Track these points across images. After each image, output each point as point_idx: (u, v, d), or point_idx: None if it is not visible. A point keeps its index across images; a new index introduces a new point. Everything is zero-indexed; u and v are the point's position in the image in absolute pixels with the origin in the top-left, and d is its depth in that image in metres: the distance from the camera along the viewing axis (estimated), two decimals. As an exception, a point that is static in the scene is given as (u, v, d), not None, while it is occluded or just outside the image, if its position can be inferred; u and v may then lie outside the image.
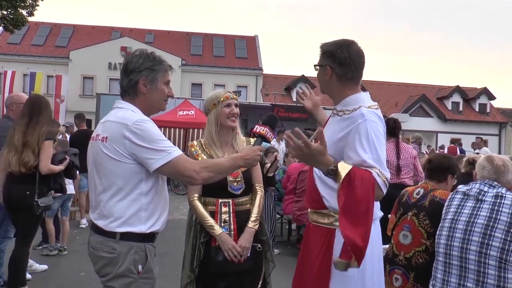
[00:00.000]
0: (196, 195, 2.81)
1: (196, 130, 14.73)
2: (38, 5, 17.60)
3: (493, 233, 2.59)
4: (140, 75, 2.25)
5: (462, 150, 16.03)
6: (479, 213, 2.70)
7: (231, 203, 2.83)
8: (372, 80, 34.42)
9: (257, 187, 2.96)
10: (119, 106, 2.29)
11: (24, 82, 24.28)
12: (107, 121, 2.24)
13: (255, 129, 2.58)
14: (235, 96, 2.97)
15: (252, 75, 33.32)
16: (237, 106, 2.93)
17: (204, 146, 2.92)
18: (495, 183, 2.81)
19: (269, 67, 67.89)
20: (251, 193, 2.95)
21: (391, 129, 5.82)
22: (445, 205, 2.96)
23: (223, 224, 2.79)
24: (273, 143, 9.31)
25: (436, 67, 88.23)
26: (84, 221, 7.78)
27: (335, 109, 2.39)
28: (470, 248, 2.65)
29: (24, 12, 17.45)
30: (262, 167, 6.10)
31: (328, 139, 2.19)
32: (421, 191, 3.30)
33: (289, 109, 19.34)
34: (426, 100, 33.11)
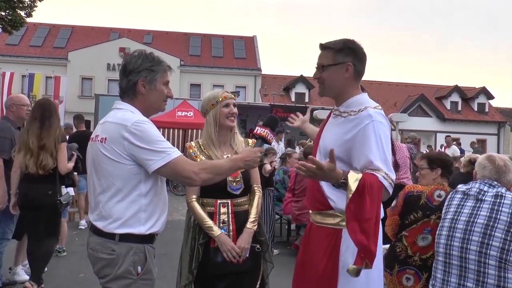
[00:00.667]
0: (194, 196, 2.80)
1: (195, 131, 14.74)
2: (36, 6, 17.58)
3: (493, 233, 2.58)
4: (139, 76, 2.24)
5: (461, 149, 16.04)
6: (479, 212, 2.69)
7: (229, 204, 2.82)
8: (371, 80, 34.43)
9: (256, 188, 2.95)
10: (118, 107, 2.28)
11: (22, 83, 24.27)
12: (106, 122, 2.24)
13: (255, 131, 2.57)
14: (233, 96, 2.96)
15: (250, 75, 33.31)
16: (235, 106, 2.92)
17: (202, 147, 2.90)
18: (495, 182, 2.80)
19: (268, 67, 67.95)
20: (249, 193, 2.94)
21: None
22: (445, 204, 2.95)
23: (222, 225, 2.78)
24: (273, 144, 9.31)
25: (434, 67, 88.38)
26: (83, 222, 7.77)
27: (337, 110, 2.38)
28: (470, 248, 2.64)
29: (22, 13, 17.43)
30: (260, 168, 6.10)
31: (333, 140, 2.25)
32: (442, 193, 3.27)
33: (287, 109, 19.36)
34: (425, 99, 33.13)
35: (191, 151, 2.89)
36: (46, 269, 4.76)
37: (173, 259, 5.36)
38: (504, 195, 2.69)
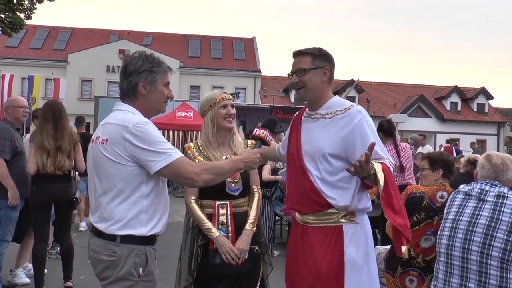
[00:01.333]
0: (193, 197, 2.80)
1: (194, 132, 14.73)
2: (35, 9, 17.58)
3: (495, 234, 2.57)
4: (139, 77, 2.24)
5: (458, 150, 16.04)
6: (481, 213, 2.68)
7: (228, 205, 2.81)
8: (370, 81, 34.48)
9: (255, 189, 2.94)
10: (119, 108, 2.28)
11: (22, 85, 24.28)
12: (107, 124, 2.23)
13: (254, 132, 2.59)
14: (231, 96, 2.95)
15: (250, 76, 33.34)
16: (233, 106, 2.90)
17: (201, 148, 2.89)
18: (496, 182, 2.78)
19: (267, 68, 67.94)
20: (248, 195, 2.93)
21: (387, 130, 5.88)
22: (447, 204, 2.94)
23: (220, 226, 2.77)
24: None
25: (434, 67, 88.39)
26: (83, 224, 7.76)
27: (317, 113, 2.51)
28: (471, 248, 2.63)
29: (22, 15, 17.43)
30: (260, 169, 6.09)
31: (328, 140, 2.38)
32: (444, 194, 3.27)
33: (287, 110, 19.33)
34: (424, 100, 33.15)
35: (190, 152, 2.88)
36: (46, 271, 4.76)
37: (174, 260, 5.35)
38: (506, 195, 2.68)
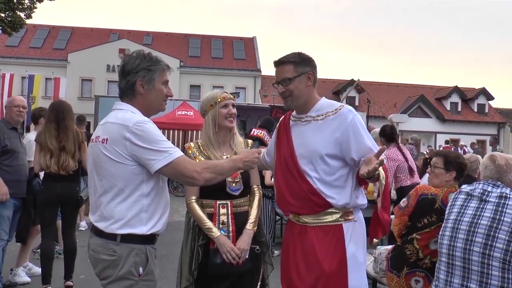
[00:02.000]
0: (193, 197, 2.79)
1: (195, 132, 14.71)
2: (36, 8, 17.60)
3: (497, 235, 2.56)
4: (137, 76, 2.24)
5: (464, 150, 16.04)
6: (483, 214, 2.66)
7: (229, 205, 2.81)
8: (370, 81, 34.48)
9: (255, 189, 2.94)
10: (119, 107, 2.27)
11: (22, 84, 24.29)
12: (107, 123, 2.23)
13: (252, 133, 2.60)
14: (231, 96, 2.95)
15: (250, 76, 33.34)
16: (234, 106, 2.90)
17: (201, 147, 2.89)
18: (499, 182, 2.77)
19: (268, 68, 67.77)
20: (249, 194, 2.93)
21: (389, 135, 6.00)
22: (448, 205, 2.92)
23: (221, 225, 2.77)
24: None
25: (434, 68, 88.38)
26: (83, 224, 7.75)
27: (308, 116, 2.55)
28: (473, 249, 2.62)
29: (22, 14, 17.45)
30: (262, 171, 6.09)
31: (323, 142, 2.43)
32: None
33: (287, 110, 19.29)
34: (424, 100, 33.16)
35: (190, 152, 2.87)
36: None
37: (174, 260, 5.35)
38: (508, 196, 2.66)
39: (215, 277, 2.75)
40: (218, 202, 2.80)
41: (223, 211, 2.80)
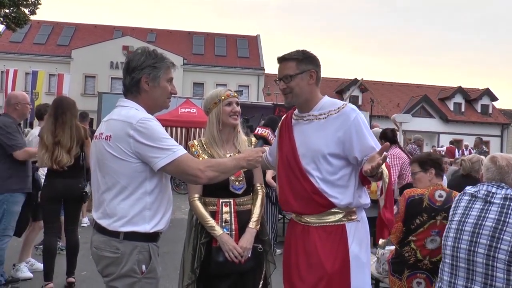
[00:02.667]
0: (196, 195, 2.79)
1: (198, 130, 14.70)
2: (40, 4, 17.64)
3: (502, 236, 2.54)
4: (142, 73, 2.23)
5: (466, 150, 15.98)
6: (488, 215, 2.65)
7: (232, 203, 2.80)
8: (374, 80, 34.42)
9: (259, 187, 2.93)
10: (123, 104, 2.26)
11: (26, 80, 24.34)
12: (110, 120, 2.22)
13: (256, 131, 2.58)
14: (235, 94, 2.95)
15: (253, 74, 33.33)
16: (238, 104, 2.90)
17: (205, 145, 2.89)
18: (503, 184, 2.75)
19: (271, 66, 67.76)
20: (252, 193, 2.92)
21: (391, 139, 6.30)
22: (452, 206, 2.91)
23: (224, 224, 2.76)
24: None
25: (438, 68, 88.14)
26: (85, 220, 7.77)
27: (310, 115, 2.53)
28: (478, 250, 2.60)
29: (26, 10, 17.49)
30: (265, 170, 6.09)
31: (325, 140, 2.41)
32: (443, 193, 3.30)
33: (289, 108, 19.25)
34: (428, 100, 33.09)
35: (194, 149, 2.87)
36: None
37: (176, 257, 5.36)
38: None
39: (217, 275, 2.75)
40: (221, 200, 2.80)
41: (226, 209, 2.79)
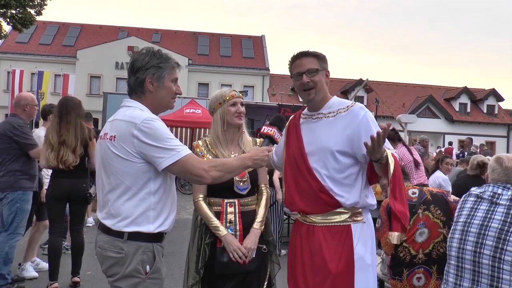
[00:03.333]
0: (201, 195, 2.78)
1: (202, 130, 14.71)
2: (46, 5, 17.73)
3: (508, 238, 2.52)
4: (146, 73, 2.23)
5: (463, 152, 15.91)
6: (493, 216, 2.63)
7: (236, 203, 2.79)
8: (379, 80, 34.33)
9: (263, 188, 2.92)
10: (127, 104, 2.27)
11: (32, 81, 24.40)
12: (115, 120, 2.22)
13: (262, 130, 2.56)
14: (240, 94, 2.94)
15: (258, 75, 33.33)
16: (242, 104, 2.89)
17: (209, 146, 2.88)
18: (509, 185, 2.74)
19: (276, 67, 67.85)
20: (257, 193, 2.91)
21: (394, 137, 6.32)
22: (458, 207, 2.90)
23: (228, 224, 2.76)
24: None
25: (443, 68, 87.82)
26: (90, 220, 7.79)
27: (320, 113, 2.53)
28: (483, 252, 2.58)
29: (32, 11, 17.58)
30: (270, 173, 6.09)
31: (334, 138, 2.41)
32: (415, 190, 3.47)
33: (296, 109, 19.15)
34: (433, 101, 32.97)
35: (198, 150, 2.87)
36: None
37: (180, 257, 5.36)
38: None
39: (222, 276, 2.74)
40: (225, 200, 2.79)
41: (230, 209, 2.79)
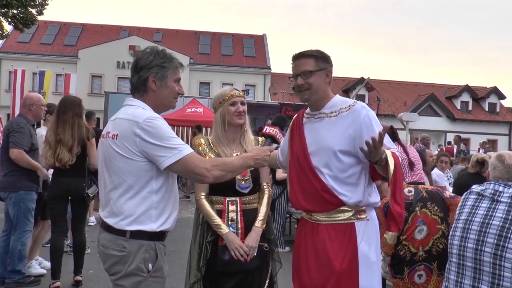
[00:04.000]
0: (203, 193, 2.79)
1: (204, 129, 14.72)
2: (47, 4, 17.73)
3: (509, 235, 2.52)
4: (150, 72, 2.24)
5: (467, 150, 15.89)
6: (495, 214, 2.63)
7: (238, 202, 2.81)
8: (380, 79, 34.29)
9: (265, 187, 2.93)
10: (130, 103, 2.27)
11: (33, 80, 24.42)
12: (117, 119, 2.23)
13: (264, 130, 2.57)
14: (241, 93, 2.93)
15: (260, 74, 33.31)
16: (243, 103, 2.89)
17: (212, 144, 2.90)
18: (510, 182, 2.74)
19: (277, 66, 67.79)
20: (258, 192, 2.92)
21: (391, 136, 6.09)
22: (459, 205, 2.91)
23: (230, 222, 2.77)
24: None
25: (445, 66, 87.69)
26: (92, 219, 7.80)
27: (322, 113, 2.54)
28: (484, 250, 2.59)
29: (33, 11, 17.58)
30: (274, 171, 6.13)
31: (336, 138, 2.42)
32: (411, 188, 3.50)
33: (297, 107, 19.13)
34: (434, 99, 32.91)
35: (201, 148, 2.88)
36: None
37: (182, 256, 5.37)
38: None
39: (223, 274, 2.75)
40: (227, 199, 2.80)
41: (232, 208, 2.80)
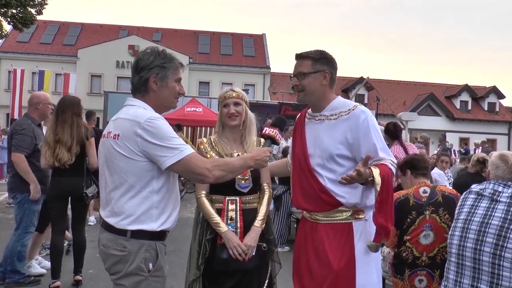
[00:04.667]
0: (203, 192, 2.82)
1: (203, 128, 14.73)
2: (46, 4, 17.68)
3: (508, 235, 2.53)
4: (150, 73, 2.25)
5: (467, 150, 15.91)
6: (494, 214, 2.64)
7: (238, 201, 2.82)
8: (380, 78, 34.30)
9: (265, 187, 2.94)
10: (131, 103, 2.28)
11: (33, 80, 24.44)
12: (118, 119, 2.24)
13: (264, 131, 2.59)
14: (234, 94, 2.93)
15: (259, 73, 33.30)
16: (237, 104, 2.89)
17: (214, 143, 2.94)
18: (510, 183, 2.74)
19: (277, 65, 67.84)
20: (259, 192, 2.93)
21: (392, 133, 6.10)
22: (458, 205, 2.91)
23: (229, 221, 2.78)
24: (282, 142, 9.40)
25: (444, 66, 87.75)
26: (92, 219, 7.80)
27: (321, 115, 2.55)
28: (483, 249, 2.59)
29: (33, 10, 17.54)
30: None
31: (334, 141, 2.44)
32: (427, 189, 3.36)
33: (296, 107, 19.15)
34: (434, 99, 32.92)
35: (202, 147, 2.93)
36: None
37: (182, 256, 5.38)
38: None
39: (222, 273, 2.76)
40: (227, 198, 2.82)
41: (231, 207, 2.81)
